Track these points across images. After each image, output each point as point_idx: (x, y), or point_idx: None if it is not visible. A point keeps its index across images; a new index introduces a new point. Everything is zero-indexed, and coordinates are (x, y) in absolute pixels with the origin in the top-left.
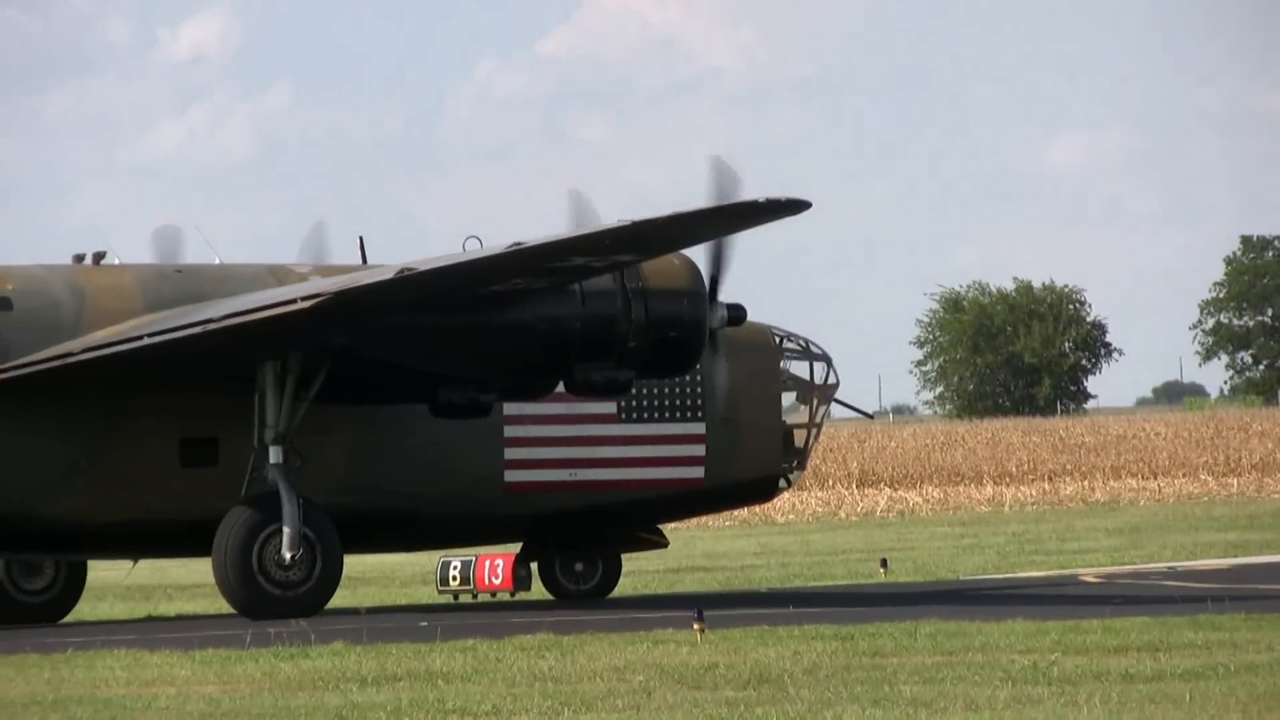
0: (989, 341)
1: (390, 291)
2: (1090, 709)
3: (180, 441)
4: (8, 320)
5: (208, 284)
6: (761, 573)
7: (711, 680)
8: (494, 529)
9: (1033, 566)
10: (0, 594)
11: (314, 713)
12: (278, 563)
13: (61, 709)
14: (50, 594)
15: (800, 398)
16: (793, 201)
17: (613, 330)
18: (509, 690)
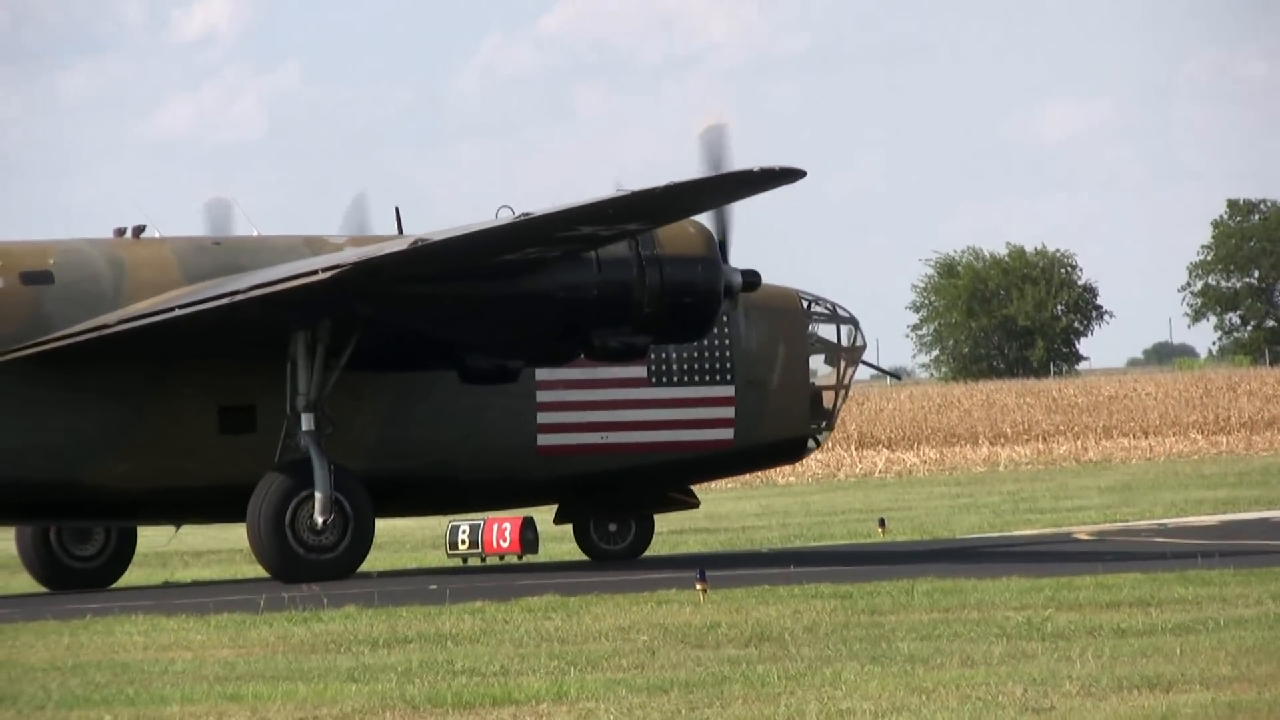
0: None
1: (405, 262)
2: (1083, 663)
3: (219, 409)
4: (49, 293)
5: (245, 256)
6: (762, 533)
7: (714, 639)
8: (528, 492)
9: (1027, 525)
10: (52, 560)
11: (326, 674)
12: (310, 527)
13: (80, 673)
14: (101, 559)
15: (828, 360)
16: (786, 170)
17: (629, 297)
18: (516, 651)
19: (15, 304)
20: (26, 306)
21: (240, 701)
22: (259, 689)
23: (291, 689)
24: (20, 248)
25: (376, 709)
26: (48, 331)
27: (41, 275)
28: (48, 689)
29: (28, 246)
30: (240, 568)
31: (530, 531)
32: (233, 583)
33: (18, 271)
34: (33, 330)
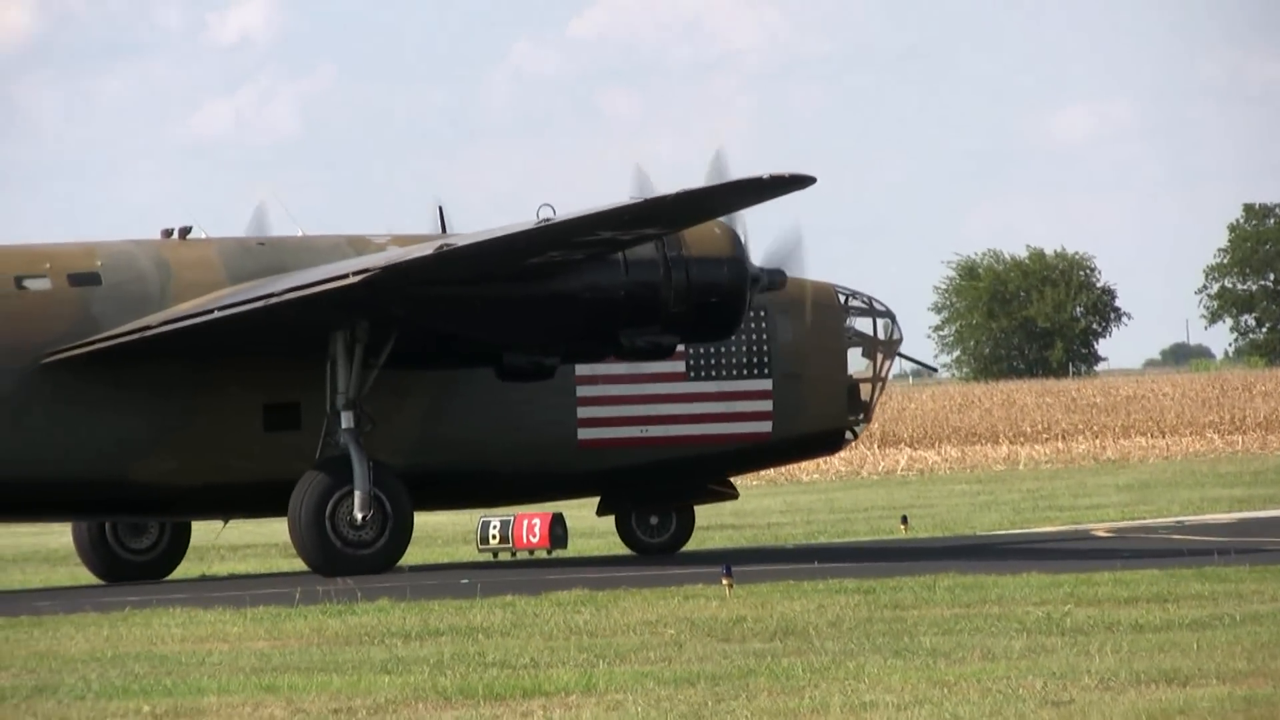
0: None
1: (432, 266)
2: (1102, 658)
3: (264, 407)
4: (97, 294)
5: (289, 256)
6: (787, 530)
7: (740, 633)
8: (569, 485)
9: (1046, 522)
10: (108, 553)
11: (360, 666)
12: (350, 523)
13: (120, 664)
14: (155, 553)
15: (865, 353)
16: (796, 176)
17: (656, 297)
18: (546, 644)
19: (63, 305)
20: (74, 307)
21: (276, 692)
22: (294, 680)
23: (326, 680)
24: (68, 249)
25: (409, 700)
26: (95, 332)
27: (89, 276)
28: (87, 680)
29: (75, 248)
30: (276, 562)
31: (559, 527)
32: (268, 576)
33: (65, 273)
34: (81, 330)
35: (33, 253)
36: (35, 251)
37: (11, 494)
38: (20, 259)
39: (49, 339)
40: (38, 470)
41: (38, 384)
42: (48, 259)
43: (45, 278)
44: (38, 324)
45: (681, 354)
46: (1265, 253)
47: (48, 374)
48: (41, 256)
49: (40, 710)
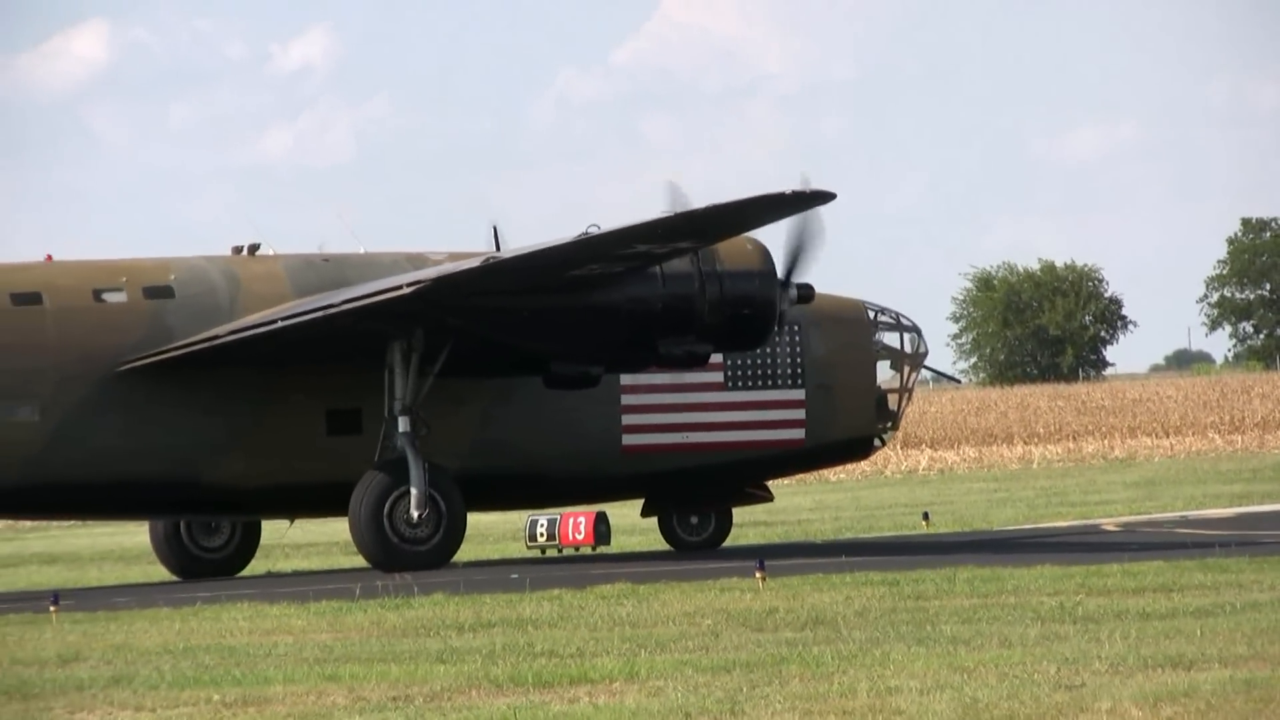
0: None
1: (480, 278)
2: (1111, 644)
3: (326, 412)
4: (170, 306)
5: (351, 270)
6: (816, 526)
7: (772, 623)
8: (614, 488)
9: (1059, 517)
10: (182, 551)
11: (416, 657)
12: (407, 521)
13: (191, 656)
14: (227, 550)
15: (893, 365)
16: (818, 192)
17: (691, 308)
18: (591, 634)
19: (139, 316)
20: (149, 319)
21: (338, 682)
22: (355, 670)
23: (385, 670)
24: (143, 265)
25: (463, 688)
26: (169, 342)
27: (163, 290)
28: (161, 670)
29: (150, 264)
30: (337, 559)
31: (603, 525)
32: (331, 573)
33: (141, 287)
34: (155, 340)
35: (110, 267)
36: (113, 266)
37: (91, 495)
38: (99, 273)
39: (125, 348)
40: (116, 472)
41: (115, 390)
42: (124, 273)
43: (122, 291)
44: (115, 334)
45: (719, 365)
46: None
47: (124, 381)
48: (118, 271)
49: (117, 699)
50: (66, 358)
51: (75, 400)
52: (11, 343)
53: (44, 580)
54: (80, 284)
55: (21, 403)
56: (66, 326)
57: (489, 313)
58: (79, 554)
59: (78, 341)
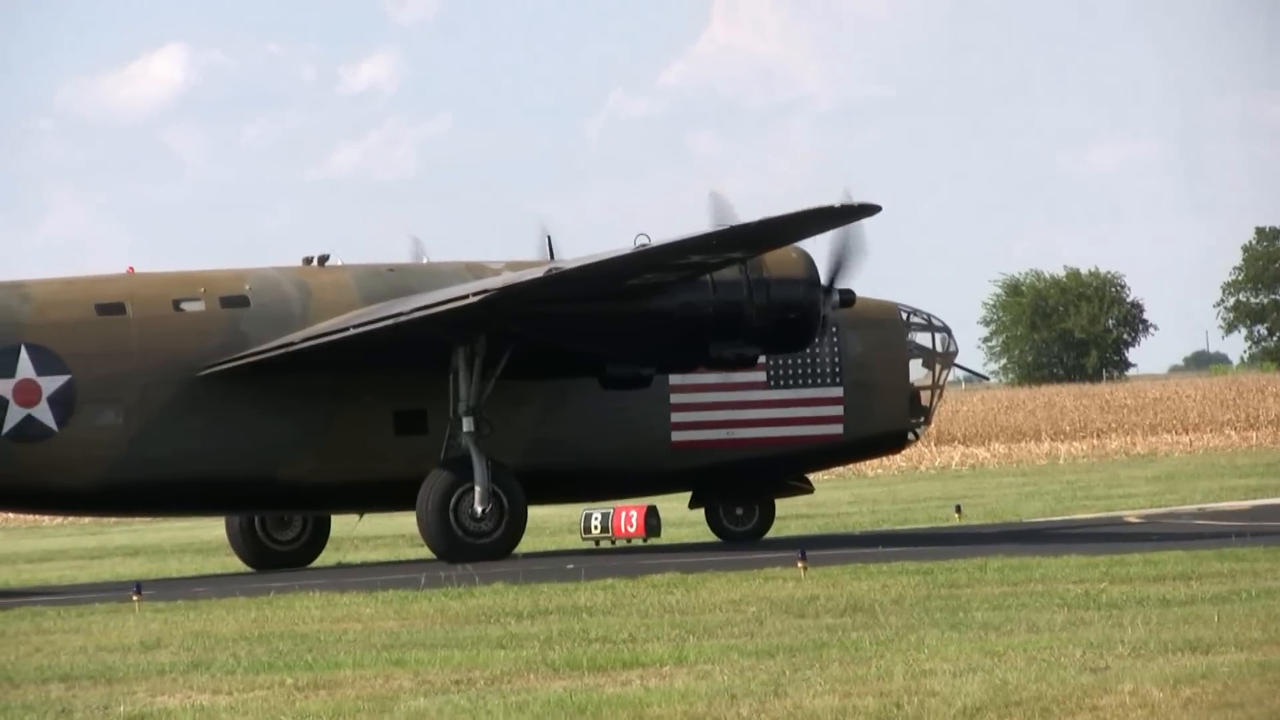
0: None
1: (543, 287)
2: (1133, 629)
3: (394, 413)
4: (246, 315)
5: (415, 280)
6: (854, 518)
7: (814, 609)
8: (664, 482)
9: (1084, 509)
10: (257, 544)
11: (478, 643)
12: (471, 515)
13: (266, 642)
14: (299, 543)
15: (925, 363)
16: (864, 205)
17: (740, 314)
18: (643, 621)
19: (216, 324)
20: (226, 326)
21: (404, 666)
22: (420, 655)
23: (448, 655)
24: (220, 275)
25: (522, 672)
26: (245, 348)
27: (239, 299)
28: (237, 656)
29: (227, 274)
30: (404, 551)
31: (654, 518)
32: (397, 564)
33: (218, 296)
34: (232, 347)
35: (189, 278)
36: (191, 277)
37: (172, 492)
38: (178, 284)
39: (204, 354)
40: (196, 470)
41: (195, 394)
42: (202, 284)
43: (200, 301)
44: (194, 341)
45: (762, 365)
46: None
47: (204, 385)
48: (197, 282)
49: (196, 683)
50: (149, 364)
51: (157, 404)
52: (97, 350)
53: (127, 572)
54: (161, 294)
55: (107, 407)
56: (148, 335)
57: (549, 319)
58: (160, 547)
59: (159, 349)
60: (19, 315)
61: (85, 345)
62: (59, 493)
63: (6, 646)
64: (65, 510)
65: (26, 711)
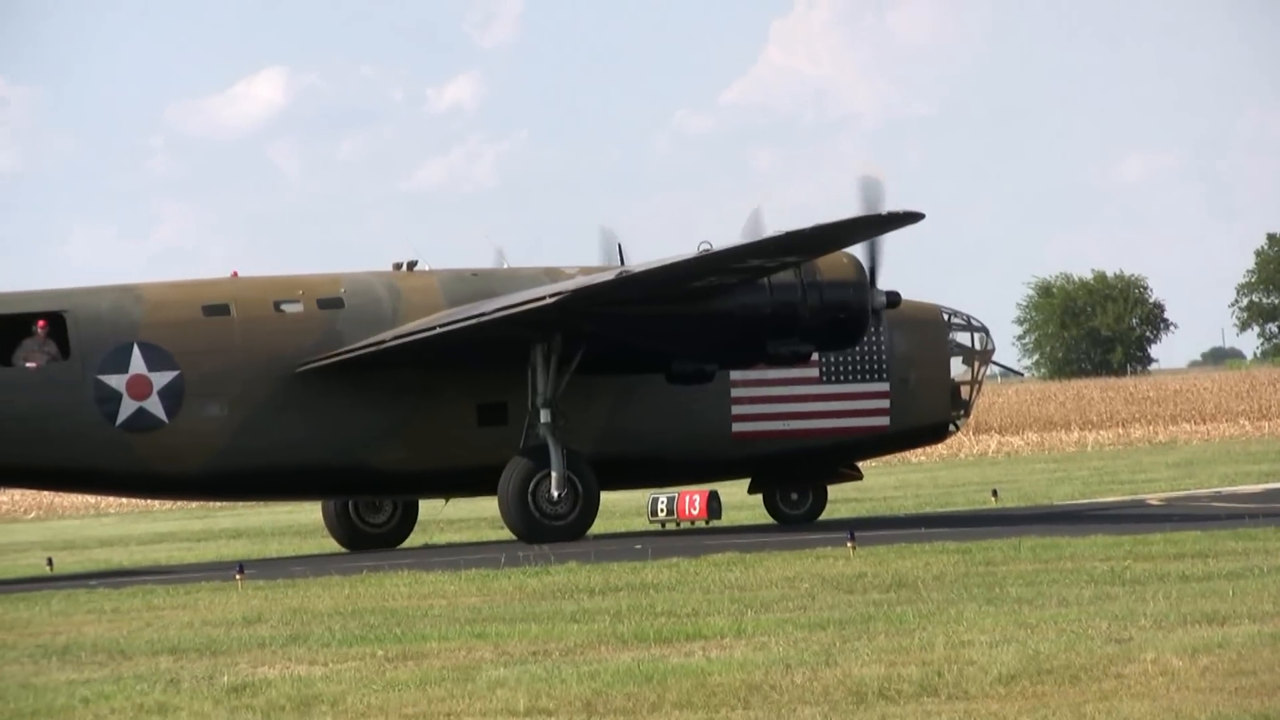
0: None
1: (613, 289)
2: (1155, 603)
3: (477, 406)
4: (341, 315)
5: (496, 283)
6: (899, 502)
7: (862, 585)
8: (725, 469)
9: (1110, 493)
10: (350, 527)
11: (554, 617)
12: (548, 500)
13: (358, 618)
14: (389, 526)
15: (965, 360)
16: (909, 213)
17: (795, 314)
18: (705, 596)
19: (313, 324)
20: (322, 326)
21: (485, 639)
22: (500, 629)
23: (526, 628)
24: (317, 279)
25: (594, 644)
26: (340, 346)
27: (334, 301)
28: (332, 630)
29: (323, 278)
30: (486, 533)
31: (715, 502)
32: (479, 544)
33: (315, 298)
34: (327, 345)
35: (289, 282)
36: (291, 281)
37: (272, 479)
38: (278, 287)
39: (302, 352)
40: (294, 459)
41: (293, 389)
42: (300, 287)
43: (299, 302)
44: (293, 340)
45: (816, 361)
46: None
47: (301, 380)
48: (296, 285)
49: (294, 655)
50: (251, 361)
51: (258, 398)
52: (203, 348)
53: (231, 553)
54: (263, 296)
55: (213, 400)
56: (251, 334)
57: (619, 319)
58: (261, 530)
59: (261, 347)
60: (132, 316)
61: (193, 343)
62: (168, 479)
63: (120, 621)
64: (173, 495)
65: (138, 681)
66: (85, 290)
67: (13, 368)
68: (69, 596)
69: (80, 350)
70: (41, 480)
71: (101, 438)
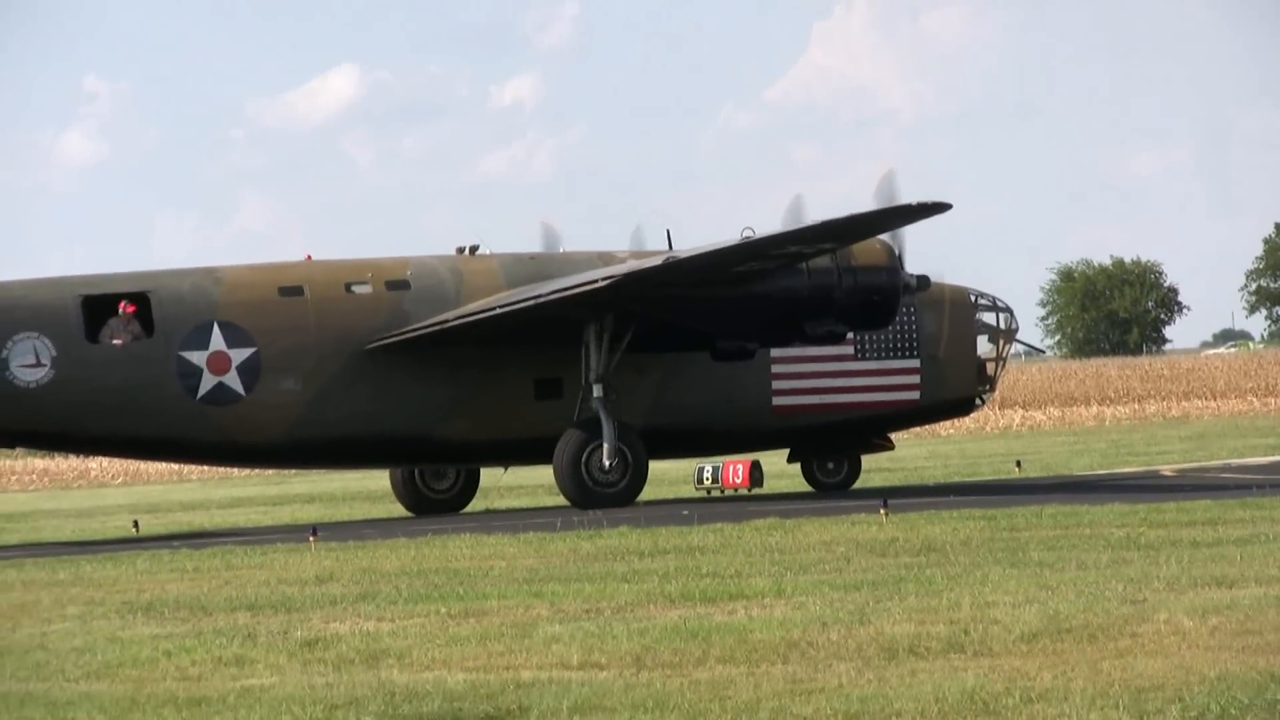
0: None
1: (662, 273)
2: (1168, 566)
3: (534, 381)
4: (408, 297)
5: (553, 266)
6: (929, 472)
7: (894, 550)
8: (766, 440)
9: (1126, 464)
10: (416, 492)
11: (606, 577)
12: (600, 468)
13: (423, 577)
14: (453, 492)
15: (990, 339)
16: (936, 204)
17: (831, 296)
18: (747, 559)
19: (382, 305)
20: (391, 307)
21: (542, 597)
22: (556, 588)
23: (580, 588)
24: (386, 263)
25: (643, 602)
26: (406, 324)
27: (401, 283)
28: (399, 589)
29: (391, 262)
30: (542, 499)
31: (758, 471)
32: (536, 510)
33: (383, 280)
34: (395, 324)
35: (359, 265)
36: (360, 264)
37: (343, 448)
38: (349, 270)
39: (371, 330)
40: (364, 430)
41: (363, 365)
42: (370, 270)
43: (368, 284)
44: (363, 319)
45: (851, 340)
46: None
47: (371, 357)
48: (365, 268)
49: (363, 612)
50: (324, 338)
51: (330, 373)
52: (279, 327)
53: (305, 516)
54: (334, 278)
55: (288, 375)
56: (323, 313)
57: (667, 301)
58: (333, 495)
59: (332, 325)
60: (212, 296)
61: (269, 322)
62: (246, 449)
63: (200, 580)
64: (251, 464)
65: (217, 635)
66: (168, 273)
67: (101, 345)
68: (153, 556)
69: (164, 328)
70: (127, 449)
71: (183, 410)
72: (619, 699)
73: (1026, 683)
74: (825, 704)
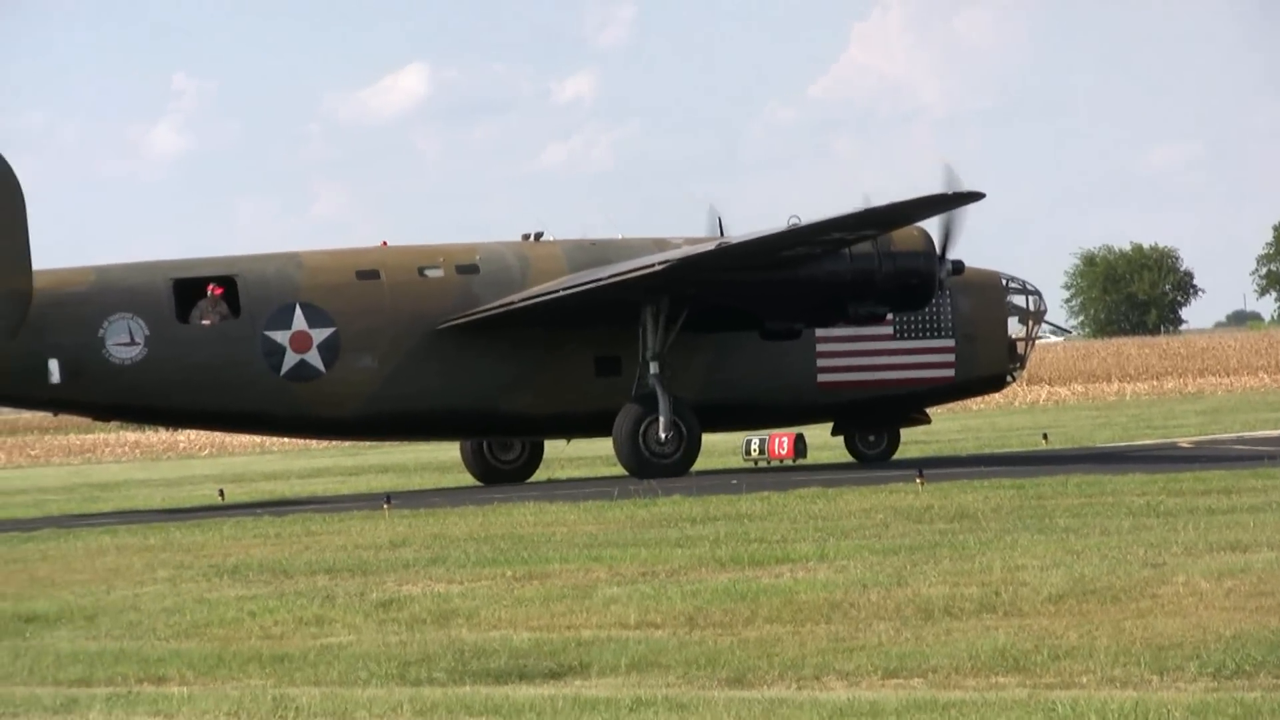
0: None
1: (713, 258)
2: (1185, 532)
3: (595, 359)
4: (477, 280)
5: (612, 251)
6: (962, 444)
7: (929, 516)
8: (811, 414)
9: (1145, 437)
10: (484, 463)
11: (660, 543)
12: (656, 441)
13: (489, 542)
14: (518, 463)
15: (1020, 320)
16: (971, 193)
17: (872, 280)
18: (792, 525)
19: (453, 288)
20: (460, 290)
21: (600, 561)
22: (613, 553)
23: (636, 553)
24: (456, 248)
25: (695, 566)
26: (476, 306)
27: (471, 268)
28: (467, 553)
29: (461, 247)
30: (601, 469)
31: (801, 443)
32: (596, 479)
33: (454, 265)
34: (465, 306)
35: (431, 250)
36: (433, 250)
37: (416, 422)
38: (422, 255)
39: (443, 312)
40: (436, 404)
41: (435, 344)
42: (441, 255)
43: (440, 268)
44: (435, 301)
45: (890, 320)
46: None
47: (442, 336)
48: (437, 253)
49: (434, 575)
50: (398, 319)
51: (405, 351)
52: (357, 308)
53: (379, 485)
54: (408, 263)
55: (365, 354)
56: (398, 296)
57: (719, 284)
58: (406, 465)
59: (406, 307)
60: (294, 279)
61: (347, 304)
62: (325, 422)
63: (282, 545)
64: (330, 436)
65: (298, 597)
66: (253, 257)
67: (190, 325)
68: (238, 523)
69: (249, 309)
70: (214, 423)
71: (267, 386)
72: (673, 656)
73: (1054, 641)
74: (865, 660)
